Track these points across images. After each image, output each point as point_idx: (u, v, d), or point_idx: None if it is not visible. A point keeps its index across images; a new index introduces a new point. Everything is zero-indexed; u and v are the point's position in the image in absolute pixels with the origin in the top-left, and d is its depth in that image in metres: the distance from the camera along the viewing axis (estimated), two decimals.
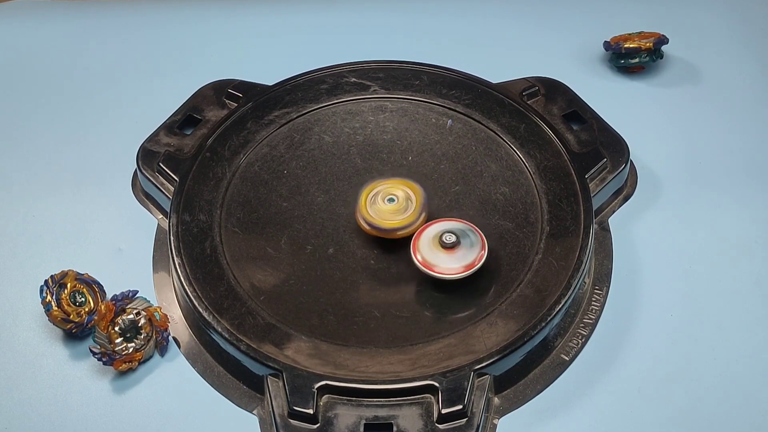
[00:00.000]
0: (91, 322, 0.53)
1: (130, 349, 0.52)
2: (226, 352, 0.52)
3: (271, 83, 0.64)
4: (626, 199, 0.61)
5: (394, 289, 0.54)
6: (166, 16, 0.75)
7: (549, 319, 0.52)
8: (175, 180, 0.59)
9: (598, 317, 0.55)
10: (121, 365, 0.52)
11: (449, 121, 0.62)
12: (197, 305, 0.53)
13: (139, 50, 0.72)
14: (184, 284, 0.54)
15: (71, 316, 0.53)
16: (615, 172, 0.59)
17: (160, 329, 0.54)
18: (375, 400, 0.49)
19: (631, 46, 0.67)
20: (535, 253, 0.55)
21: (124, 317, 0.53)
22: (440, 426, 0.49)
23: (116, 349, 0.52)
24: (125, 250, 0.59)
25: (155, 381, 0.53)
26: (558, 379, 0.52)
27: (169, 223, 0.57)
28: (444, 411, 0.49)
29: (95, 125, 0.66)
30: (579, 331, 0.54)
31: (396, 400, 0.49)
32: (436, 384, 0.49)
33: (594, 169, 0.58)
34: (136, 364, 0.53)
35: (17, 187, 0.63)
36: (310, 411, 0.49)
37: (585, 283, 0.55)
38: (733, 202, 0.60)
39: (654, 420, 0.51)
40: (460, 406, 0.49)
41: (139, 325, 0.53)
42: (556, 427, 0.51)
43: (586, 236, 0.55)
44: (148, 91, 0.69)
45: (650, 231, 0.59)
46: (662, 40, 0.67)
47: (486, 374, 0.50)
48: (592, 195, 0.57)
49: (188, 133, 0.62)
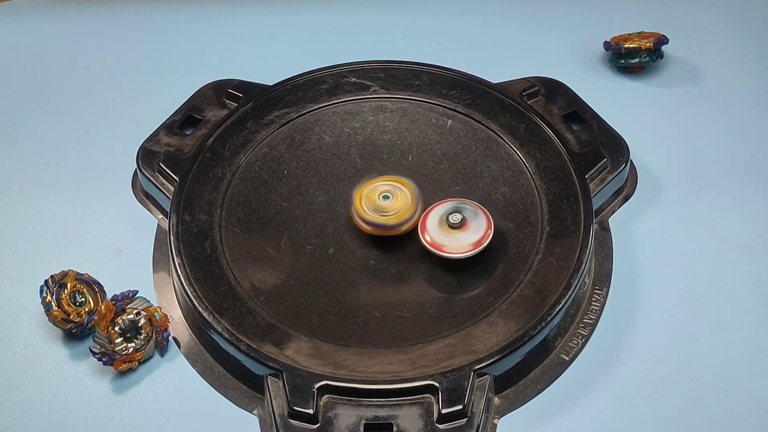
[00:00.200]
0: (91, 322, 0.53)
1: (130, 349, 0.52)
2: (226, 352, 0.52)
3: (271, 83, 0.64)
4: (626, 199, 0.61)
5: (394, 289, 0.54)
6: (166, 16, 0.75)
7: (549, 319, 0.52)
8: (175, 180, 0.59)
9: (598, 317, 0.55)
10: (121, 365, 0.52)
11: (449, 121, 0.62)
12: (197, 305, 0.53)
13: (139, 50, 0.72)
14: (184, 284, 0.54)
15: (71, 316, 0.53)
16: (615, 172, 0.59)
17: (160, 329, 0.54)
18: (375, 400, 0.49)
19: (631, 46, 0.67)
20: (535, 253, 0.55)
21: (124, 317, 0.53)
22: (440, 426, 0.49)
23: (116, 349, 0.52)
24: (125, 250, 0.59)
25: (155, 381, 0.53)
26: (558, 379, 0.52)
27: (169, 223, 0.57)
28: (444, 411, 0.49)
29: (95, 125, 0.66)
30: (579, 331, 0.54)
31: (396, 400, 0.49)
32: (436, 384, 0.49)
33: (594, 169, 0.58)
34: (136, 364, 0.53)
35: (17, 187, 0.63)
36: (310, 411, 0.49)
37: (585, 283, 0.55)
38: (733, 202, 0.60)
39: (654, 420, 0.51)
40: (460, 406, 0.49)
41: (139, 325, 0.53)
42: (556, 427, 0.51)
43: (586, 236, 0.55)
44: (148, 91, 0.69)
45: (650, 231, 0.59)
46: (662, 40, 0.67)
47: (486, 374, 0.50)
48: (592, 195, 0.57)
49: (188, 133, 0.62)
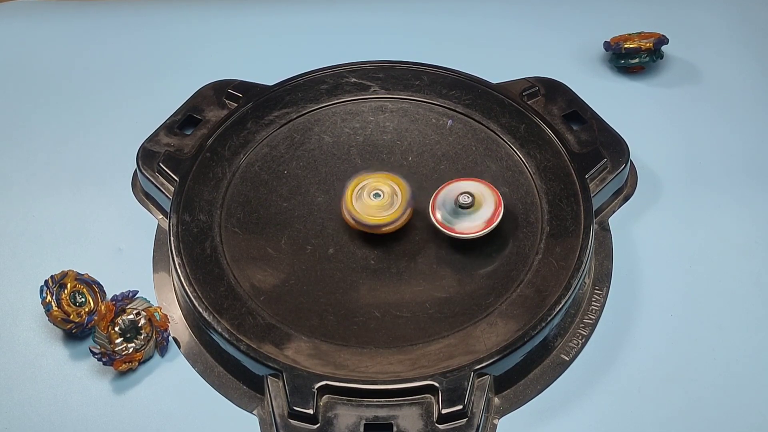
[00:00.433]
0: (91, 322, 0.53)
1: (130, 350, 0.52)
2: (226, 352, 0.52)
3: (271, 83, 0.64)
4: (626, 199, 0.61)
5: (394, 289, 0.54)
6: (166, 16, 0.75)
7: (549, 319, 0.52)
8: (175, 180, 0.59)
9: (598, 317, 0.55)
10: (121, 365, 0.52)
11: (449, 122, 0.62)
12: (197, 305, 0.53)
13: (139, 50, 0.72)
14: (184, 284, 0.54)
15: (71, 316, 0.53)
16: (615, 172, 0.59)
17: (160, 329, 0.54)
18: (375, 400, 0.49)
19: (631, 46, 0.67)
20: (535, 253, 0.55)
21: (124, 317, 0.53)
22: (440, 426, 0.49)
23: (116, 349, 0.52)
24: (125, 250, 0.59)
25: (155, 381, 0.53)
26: (558, 379, 0.52)
27: (169, 223, 0.57)
28: (444, 411, 0.49)
29: (95, 125, 0.66)
30: (579, 331, 0.54)
31: (396, 400, 0.49)
32: (436, 384, 0.49)
33: (594, 169, 0.58)
34: (136, 364, 0.53)
35: (17, 187, 0.63)
36: (310, 411, 0.49)
37: (585, 283, 0.55)
38: (733, 202, 0.60)
39: (654, 420, 0.51)
40: (460, 407, 0.49)
41: (139, 325, 0.53)
42: (556, 427, 0.51)
43: (586, 236, 0.55)
44: (148, 91, 0.69)
45: (650, 231, 0.59)
46: (662, 40, 0.67)
47: (486, 374, 0.50)
48: (592, 195, 0.57)
49: (188, 133, 0.62)
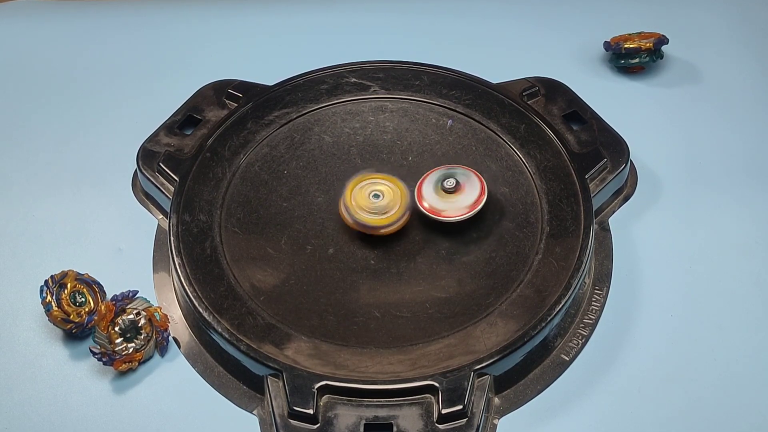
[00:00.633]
0: (91, 322, 0.53)
1: (130, 350, 0.52)
2: (226, 352, 0.52)
3: (271, 83, 0.64)
4: (626, 199, 0.61)
5: (394, 289, 0.54)
6: (166, 16, 0.75)
7: (549, 319, 0.52)
8: (175, 180, 0.59)
9: (598, 317, 0.55)
10: (121, 365, 0.52)
11: (449, 122, 0.62)
12: (197, 305, 0.53)
13: (139, 50, 0.72)
14: (184, 284, 0.54)
15: (71, 316, 0.53)
16: (615, 172, 0.59)
17: (160, 329, 0.54)
18: (375, 400, 0.49)
19: (631, 46, 0.67)
20: (535, 253, 0.55)
21: (124, 317, 0.53)
22: (440, 426, 0.49)
23: (116, 349, 0.52)
24: (125, 250, 0.59)
25: (155, 381, 0.53)
26: (558, 379, 0.52)
27: (169, 223, 0.57)
28: (444, 411, 0.49)
29: (95, 125, 0.66)
30: (579, 331, 0.54)
31: (396, 400, 0.49)
32: (436, 384, 0.49)
33: (594, 169, 0.58)
34: (136, 364, 0.53)
35: (17, 187, 0.63)
36: (310, 411, 0.49)
37: (585, 283, 0.55)
38: (733, 202, 0.60)
39: (654, 420, 0.51)
40: (460, 407, 0.49)
41: (139, 325, 0.53)
42: (556, 427, 0.51)
43: (586, 236, 0.55)
44: (148, 91, 0.69)
45: (650, 231, 0.59)
46: (662, 40, 0.67)
47: (486, 374, 0.50)
48: (592, 195, 0.57)
49: (188, 133, 0.62)
